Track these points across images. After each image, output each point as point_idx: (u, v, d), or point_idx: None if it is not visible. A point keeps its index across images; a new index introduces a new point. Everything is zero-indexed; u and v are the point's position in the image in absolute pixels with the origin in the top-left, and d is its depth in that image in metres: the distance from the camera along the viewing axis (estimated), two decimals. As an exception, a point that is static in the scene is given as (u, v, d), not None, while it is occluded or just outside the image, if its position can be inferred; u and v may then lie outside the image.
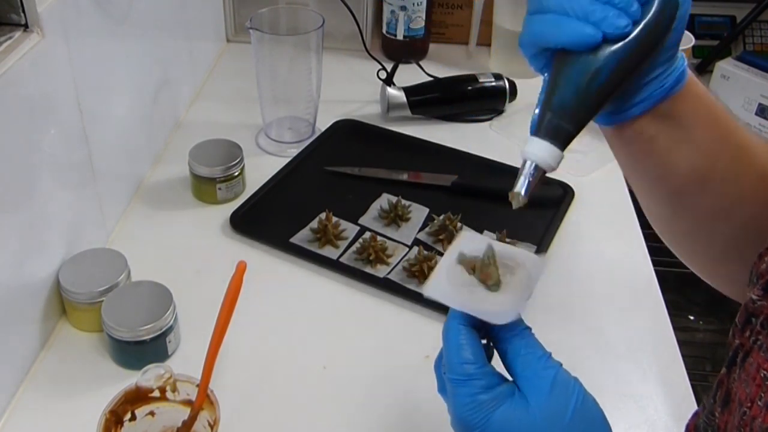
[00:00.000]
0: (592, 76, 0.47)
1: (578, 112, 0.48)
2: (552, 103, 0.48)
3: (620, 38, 0.47)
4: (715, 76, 1.26)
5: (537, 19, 0.48)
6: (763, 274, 0.47)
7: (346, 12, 1.24)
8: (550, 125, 0.48)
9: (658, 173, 0.55)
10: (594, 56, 0.47)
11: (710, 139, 0.53)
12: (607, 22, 0.46)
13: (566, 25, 0.46)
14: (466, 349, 0.47)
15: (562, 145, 0.48)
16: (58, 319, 0.82)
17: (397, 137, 1.15)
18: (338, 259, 0.91)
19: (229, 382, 0.75)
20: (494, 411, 0.45)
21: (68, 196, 0.82)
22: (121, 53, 0.93)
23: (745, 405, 0.43)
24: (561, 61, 0.48)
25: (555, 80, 0.48)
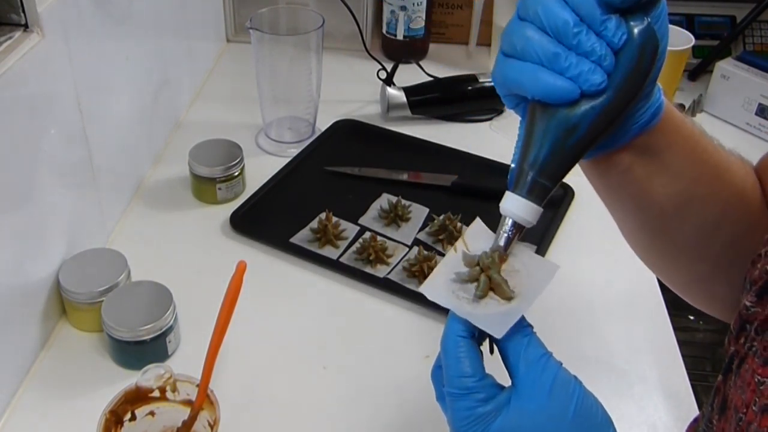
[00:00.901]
0: (569, 132, 0.46)
1: (556, 167, 0.47)
2: (528, 158, 0.47)
3: (598, 93, 0.45)
4: (715, 76, 1.26)
5: (512, 66, 0.46)
6: (756, 281, 0.47)
7: (346, 12, 1.24)
8: (526, 182, 0.47)
9: (637, 203, 0.54)
10: (571, 111, 0.45)
11: (688, 165, 0.52)
12: (583, 78, 0.44)
13: (543, 78, 0.44)
14: (464, 362, 0.47)
15: (540, 200, 0.48)
16: (58, 319, 0.82)
17: (397, 137, 1.15)
18: (338, 259, 0.91)
19: (229, 382, 0.75)
20: (493, 422, 0.45)
21: (68, 196, 0.82)
22: (121, 53, 0.92)
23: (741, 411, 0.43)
24: (535, 112, 0.47)
25: (530, 135, 0.47)
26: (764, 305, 0.45)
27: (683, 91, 1.30)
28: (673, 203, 0.53)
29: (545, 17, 0.44)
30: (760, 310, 0.45)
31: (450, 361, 0.47)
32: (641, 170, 0.51)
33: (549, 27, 0.44)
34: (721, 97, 1.26)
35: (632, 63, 0.45)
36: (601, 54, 0.44)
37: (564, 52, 0.44)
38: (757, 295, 0.46)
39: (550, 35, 0.44)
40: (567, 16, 0.43)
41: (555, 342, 0.49)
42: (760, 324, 0.44)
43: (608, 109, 0.45)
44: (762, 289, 0.45)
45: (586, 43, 0.43)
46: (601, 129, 0.46)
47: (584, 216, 1.01)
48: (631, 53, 0.44)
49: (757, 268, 0.47)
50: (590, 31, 0.43)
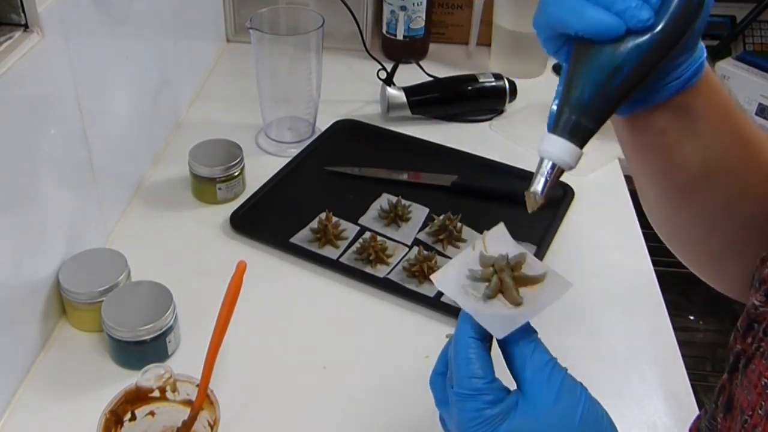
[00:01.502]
0: (613, 72, 0.44)
1: (599, 109, 0.46)
2: (571, 99, 0.45)
3: (644, 31, 0.44)
4: (715, 76, 1.26)
5: (557, 2, 0.45)
6: (765, 280, 0.46)
7: (346, 12, 1.24)
8: (569, 122, 0.45)
9: (666, 166, 0.54)
10: (616, 49, 0.44)
11: (721, 133, 0.52)
12: (629, 14, 0.43)
13: (589, 13, 0.43)
14: (474, 363, 0.46)
15: (581, 142, 0.46)
16: (58, 319, 0.82)
17: (397, 137, 1.15)
18: (338, 259, 0.91)
19: (229, 382, 0.75)
20: (500, 425, 0.45)
21: (68, 196, 0.82)
22: (121, 53, 0.92)
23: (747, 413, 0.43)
24: (580, 51, 0.46)
25: (574, 74, 0.46)
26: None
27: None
28: (701, 171, 0.53)
29: None
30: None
31: (460, 362, 0.47)
32: (675, 132, 0.51)
33: None
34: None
35: (680, 2, 0.44)
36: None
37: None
38: (766, 295, 0.45)
39: None
40: None
41: (555, 342, 0.49)
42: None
43: (654, 48, 0.44)
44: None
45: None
46: (645, 71, 0.45)
47: (584, 216, 1.01)
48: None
49: (766, 266, 0.47)
50: None
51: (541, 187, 0.46)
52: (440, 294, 0.85)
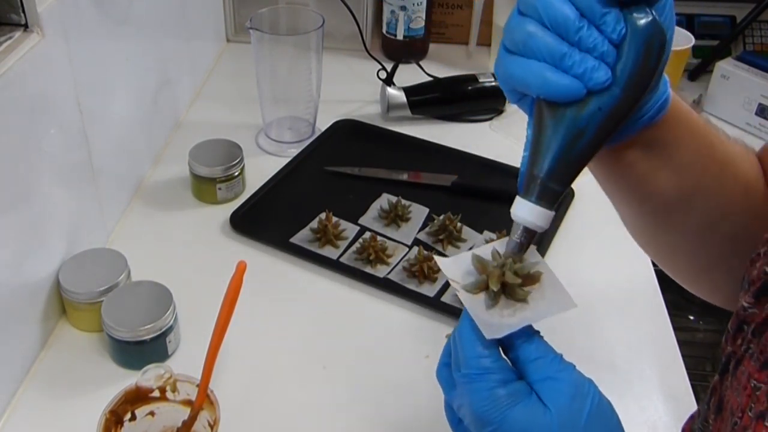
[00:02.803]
0: (577, 135, 0.45)
1: (565, 172, 0.46)
2: (537, 165, 0.46)
3: (604, 90, 0.43)
4: (715, 76, 1.26)
5: (517, 63, 0.45)
6: (754, 281, 0.46)
7: (346, 12, 1.24)
8: (537, 187, 0.46)
9: (640, 194, 0.54)
10: (579, 112, 0.44)
11: (693, 159, 0.52)
12: (587, 75, 0.43)
13: (549, 78, 0.43)
14: (479, 343, 0.46)
15: (551, 205, 0.47)
16: (58, 319, 0.82)
17: (397, 137, 1.15)
18: (338, 259, 0.91)
19: (229, 382, 0.75)
20: (512, 408, 0.44)
21: (68, 196, 0.82)
22: (121, 53, 0.92)
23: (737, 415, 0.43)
24: (543, 111, 0.46)
25: (538, 140, 0.46)
26: (762, 306, 0.45)
27: (683, 91, 1.30)
28: (677, 196, 0.53)
29: (545, 12, 0.43)
30: (758, 312, 0.45)
31: (465, 343, 0.46)
32: (646, 164, 0.51)
33: (550, 22, 0.43)
34: (721, 97, 1.26)
35: (639, 58, 0.43)
36: (604, 50, 0.43)
37: (568, 49, 0.43)
38: (755, 296, 0.45)
39: (551, 31, 0.43)
40: (568, 10, 0.42)
41: (555, 342, 0.49)
42: (758, 326, 0.44)
43: (617, 107, 0.44)
44: (760, 290, 0.45)
45: (589, 38, 0.42)
46: (610, 129, 0.45)
47: (584, 216, 1.01)
48: (636, 48, 0.43)
49: (755, 267, 0.47)
50: (591, 26, 0.43)
51: (516, 249, 0.48)
52: (440, 294, 0.85)
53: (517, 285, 0.48)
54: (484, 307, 0.48)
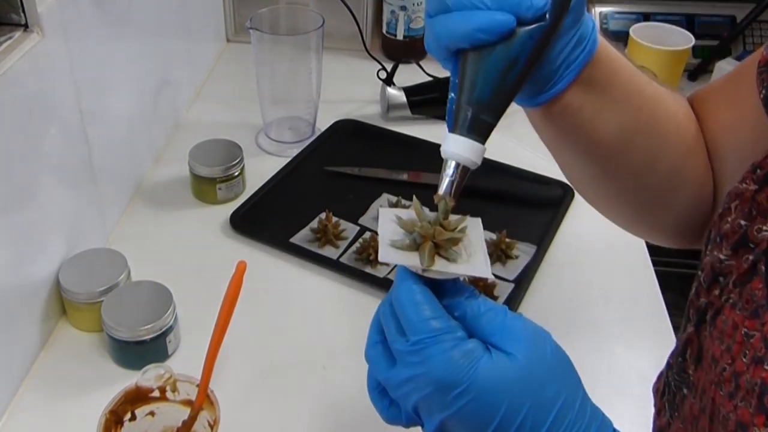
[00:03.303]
0: (509, 66, 0.44)
1: (498, 103, 0.45)
2: (468, 98, 0.45)
3: (535, 19, 0.44)
4: (715, 76, 1.26)
5: (442, 20, 0.45)
6: (727, 235, 0.47)
7: (346, 12, 1.24)
8: (468, 120, 0.45)
9: (587, 142, 0.55)
10: (509, 45, 0.44)
11: (630, 96, 0.54)
12: (524, 5, 0.43)
13: (476, 19, 0.43)
14: (424, 306, 0.44)
15: (483, 138, 0.46)
16: (58, 319, 0.82)
17: (397, 137, 1.15)
18: (338, 259, 0.91)
19: (229, 382, 0.75)
20: (477, 364, 0.42)
21: (68, 196, 0.82)
22: (121, 53, 0.93)
23: (724, 361, 0.43)
24: (472, 54, 0.45)
25: (468, 75, 0.45)
26: (739, 258, 0.45)
27: (683, 91, 1.28)
28: (619, 138, 0.54)
29: None
30: (735, 263, 0.46)
31: (409, 309, 0.44)
32: (590, 107, 0.52)
33: None
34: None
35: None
36: None
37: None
38: (732, 248, 0.46)
39: None
40: None
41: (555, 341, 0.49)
42: (739, 277, 0.45)
43: (546, 33, 0.44)
44: (737, 243, 0.46)
45: None
46: (537, 56, 0.45)
47: (584, 216, 1.01)
48: None
49: (727, 221, 0.47)
50: None
51: (450, 190, 0.46)
52: (440, 294, 0.85)
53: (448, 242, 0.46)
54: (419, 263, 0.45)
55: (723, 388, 0.43)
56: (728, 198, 0.49)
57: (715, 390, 0.44)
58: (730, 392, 0.42)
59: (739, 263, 0.45)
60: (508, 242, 0.92)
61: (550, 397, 0.43)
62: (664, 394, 0.53)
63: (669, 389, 0.52)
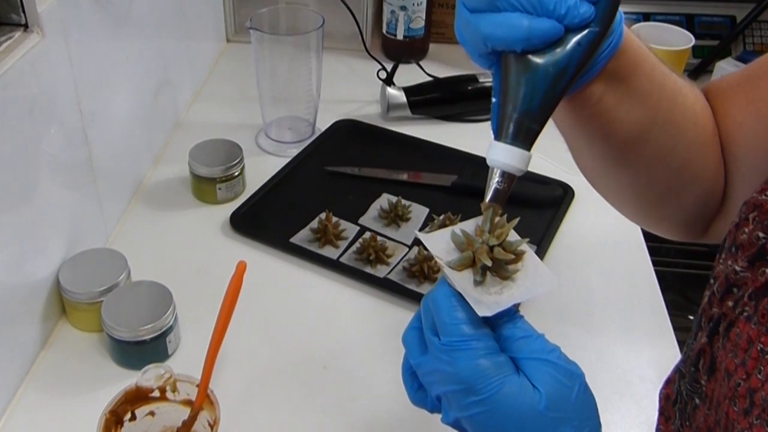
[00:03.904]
0: (560, 75, 0.44)
1: (546, 110, 0.45)
2: (515, 106, 0.45)
3: (584, 26, 0.43)
4: (715, 76, 1.26)
5: (490, 20, 0.44)
6: (744, 245, 0.46)
7: (346, 12, 1.24)
8: (515, 128, 0.45)
9: (604, 132, 0.54)
10: (559, 53, 0.43)
11: (650, 88, 0.53)
12: (570, 14, 0.42)
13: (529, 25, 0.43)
14: (459, 310, 0.44)
15: (529, 146, 0.46)
16: (58, 319, 0.82)
17: (397, 137, 1.15)
18: (338, 259, 0.91)
19: (229, 382, 0.75)
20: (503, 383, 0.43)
21: (68, 196, 0.82)
22: (121, 53, 0.93)
23: (738, 376, 0.43)
24: (518, 60, 0.44)
25: (515, 82, 0.44)
26: (755, 271, 0.45)
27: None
28: (636, 129, 0.54)
29: None
30: (751, 276, 0.45)
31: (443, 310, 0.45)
32: (611, 98, 0.51)
33: None
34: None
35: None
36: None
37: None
38: (749, 261, 0.46)
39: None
40: None
41: (554, 342, 0.49)
42: (756, 290, 0.44)
43: (594, 39, 0.44)
44: (755, 256, 0.45)
45: None
46: (586, 61, 0.45)
47: (584, 216, 1.01)
48: None
49: (744, 232, 0.47)
50: None
51: (497, 198, 0.47)
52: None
53: (504, 262, 0.46)
54: (471, 284, 0.46)
55: (737, 404, 0.43)
56: (745, 208, 0.48)
57: (728, 405, 0.44)
58: (745, 409, 0.42)
59: (755, 276, 0.45)
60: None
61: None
62: (676, 402, 0.53)
63: (681, 398, 0.52)
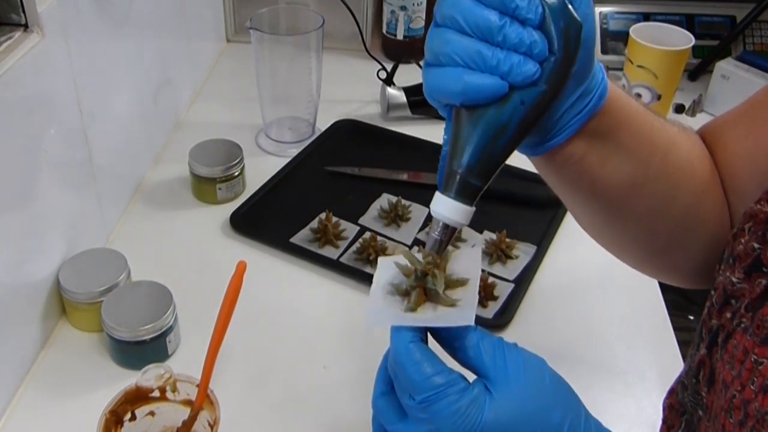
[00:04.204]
0: (500, 131, 0.44)
1: (487, 168, 0.46)
2: (458, 162, 0.45)
3: (531, 84, 0.43)
4: (715, 76, 1.26)
5: (435, 74, 0.44)
6: (741, 257, 0.46)
7: (346, 12, 1.24)
8: (457, 183, 0.46)
9: (594, 188, 0.54)
10: (501, 108, 0.43)
11: (638, 143, 0.52)
12: (514, 71, 0.42)
13: (469, 81, 0.43)
14: (424, 364, 0.44)
15: (470, 201, 0.47)
16: (58, 319, 0.82)
17: (397, 137, 1.15)
18: (338, 259, 0.91)
19: (229, 382, 0.75)
20: (482, 409, 0.43)
21: (68, 196, 0.82)
22: (121, 53, 0.93)
23: (734, 388, 0.43)
24: (461, 114, 0.45)
25: (457, 137, 0.45)
26: (752, 282, 0.45)
27: (683, 91, 1.29)
28: (627, 185, 0.53)
29: (465, 19, 0.42)
30: (748, 287, 0.45)
31: (409, 369, 0.45)
32: (595, 156, 0.51)
33: (471, 28, 0.42)
34: (721, 97, 1.26)
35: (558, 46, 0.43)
36: (531, 41, 0.42)
37: (488, 49, 0.42)
38: (745, 272, 0.46)
39: (472, 36, 0.42)
40: (487, 12, 0.42)
41: (555, 343, 0.49)
42: (752, 301, 0.44)
43: (540, 100, 0.44)
44: (751, 267, 0.45)
45: (513, 34, 0.42)
46: (532, 121, 0.44)
47: (584, 216, 1.01)
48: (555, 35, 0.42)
49: (741, 243, 0.47)
50: (514, 21, 0.42)
51: (437, 248, 0.48)
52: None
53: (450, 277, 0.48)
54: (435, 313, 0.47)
55: (733, 416, 0.43)
56: (743, 218, 0.48)
57: (725, 417, 0.44)
58: (740, 420, 0.42)
59: (752, 287, 0.45)
60: (508, 242, 0.92)
61: (556, 423, 0.44)
62: (683, 413, 0.53)
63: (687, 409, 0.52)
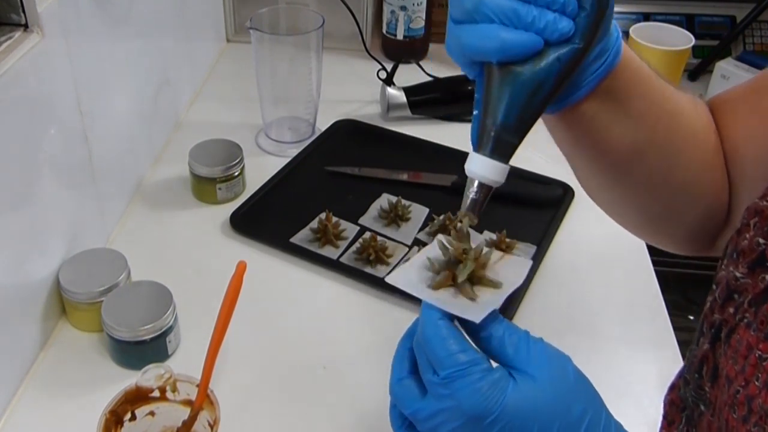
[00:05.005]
0: (536, 89, 0.44)
1: (523, 124, 0.46)
2: (494, 119, 0.45)
3: (564, 41, 0.44)
4: (715, 76, 1.26)
5: (469, 32, 0.44)
6: (745, 252, 0.46)
7: (346, 12, 1.24)
8: (493, 141, 0.46)
9: (599, 149, 0.54)
10: (537, 65, 0.44)
11: (647, 108, 0.53)
12: (549, 28, 0.43)
13: (506, 38, 0.43)
14: (450, 341, 0.45)
15: (507, 158, 0.46)
16: (58, 319, 0.82)
17: (397, 137, 1.15)
18: (338, 259, 0.91)
19: (229, 382, 0.75)
20: (504, 393, 0.43)
21: (68, 196, 0.82)
22: (121, 53, 0.93)
23: (738, 383, 0.43)
24: (495, 74, 0.45)
25: (494, 95, 0.45)
26: (756, 278, 0.45)
27: (683, 91, 1.30)
28: (633, 148, 0.53)
29: None
30: (751, 282, 0.45)
31: (435, 345, 0.45)
32: (605, 117, 0.51)
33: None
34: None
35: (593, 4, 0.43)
36: (564, 1, 0.43)
37: (523, 6, 0.43)
38: (749, 267, 0.46)
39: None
40: None
41: (554, 343, 0.49)
42: (755, 297, 0.44)
43: (574, 56, 0.44)
44: (755, 262, 0.45)
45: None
46: (566, 77, 0.45)
47: (584, 216, 1.01)
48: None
49: (745, 238, 0.47)
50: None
51: (474, 209, 0.48)
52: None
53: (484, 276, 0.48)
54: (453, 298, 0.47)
55: (736, 411, 0.43)
56: (747, 214, 0.48)
57: (728, 412, 0.44)
58: (744, 416, 0.42)
59: (755, 282, 0.45)
60: (508, 242, 0.92)
61: (576, 417, 0.44)
62: (684, 408, 0.53)
63: (688, 404, 0.52)
